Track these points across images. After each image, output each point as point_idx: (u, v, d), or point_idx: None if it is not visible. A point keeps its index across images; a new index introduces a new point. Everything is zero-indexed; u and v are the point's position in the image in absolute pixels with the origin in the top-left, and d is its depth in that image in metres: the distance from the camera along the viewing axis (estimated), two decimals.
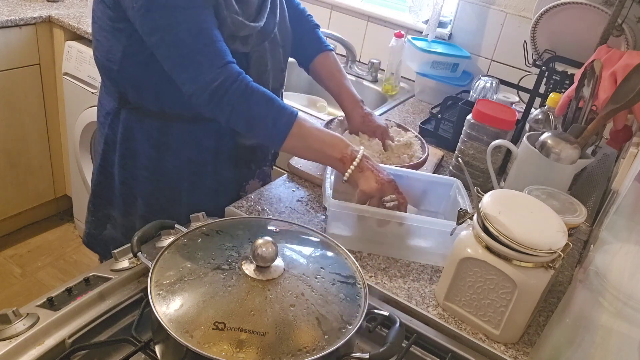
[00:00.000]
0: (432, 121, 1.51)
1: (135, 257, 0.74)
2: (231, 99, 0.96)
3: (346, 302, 0.68)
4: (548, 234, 0.76)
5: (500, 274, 0.77)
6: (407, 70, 1.85)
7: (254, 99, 0.96)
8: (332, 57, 1.26)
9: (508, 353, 0.80)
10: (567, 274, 1.01)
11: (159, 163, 1.14)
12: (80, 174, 2.16)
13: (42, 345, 0.68)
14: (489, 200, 0.80)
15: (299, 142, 0.98)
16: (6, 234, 2.33)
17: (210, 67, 0.95)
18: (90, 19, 1.97)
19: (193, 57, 0.95)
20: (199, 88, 0.96)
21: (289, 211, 1.05)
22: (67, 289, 0.75)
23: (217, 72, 0.95)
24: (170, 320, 0.61)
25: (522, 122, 1.33)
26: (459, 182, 1.03)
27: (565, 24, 1.37)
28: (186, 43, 0.94)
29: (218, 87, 0.95)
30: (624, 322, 0.51)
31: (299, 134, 0.97)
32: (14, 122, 2.10)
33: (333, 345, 0.62)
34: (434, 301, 0.88)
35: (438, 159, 1.34)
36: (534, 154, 1.02)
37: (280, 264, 0.70)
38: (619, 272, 0.62)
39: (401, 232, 0.95)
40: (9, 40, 1.94)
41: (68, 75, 2.04)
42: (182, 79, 0.97)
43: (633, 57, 0.98)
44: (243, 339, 0.60)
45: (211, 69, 0.95)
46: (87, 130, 2.05)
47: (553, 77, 1.31)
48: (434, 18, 1.78)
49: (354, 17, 2.04)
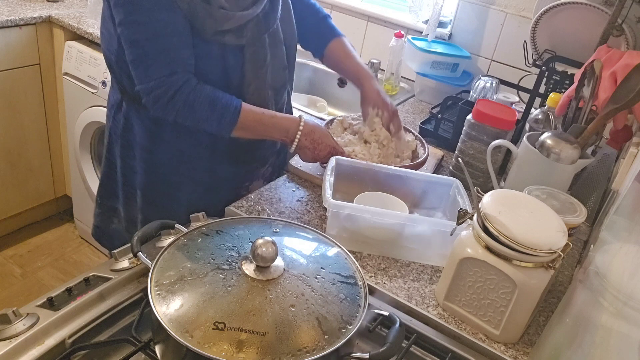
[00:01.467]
0: (432, 121, 1.51)
1: (135, 257, 0.74)
2: (175, 105, 1.01)
3: (346, 302, 0.68)
4: (548, 234, 0.76)
5: (500, 274, 0.77)
6: (407, 70, 1.85)
7: (197, 105, 1.01)
8: (343, 41, 1.29)
9: (508, 353, 0.80)
10: (567, 274, 1.01)
11: (153, 154, 1.15)
12: (80, 174, 2.16)
13: (42, 345, 0.68)
14: (489, 200, 0.80)
15: (245, 132, 1.08)
16: (6, 234, 2.33)
17: (155, 73, 0.99)
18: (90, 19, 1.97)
19: (143, 60, 0.99)
20: (144, 90, 1.01)
21: (289, 211, 1.05)
22: (67, 289, 0.75)
23: (161, 81, 0.99)
24: (170, 320, 0.61)
25: (522, 122, 1.33)
26: (459, 182, 1.03)
27: (565, 24, 1.37)
28: (140, 44, 0.98)
29: (161, 94, 1.00)
30: (624, 322, 0.51)
31: (244, 127, 1.06)
32: (14, 122, 2.10)
33: (333, 345, 0.62)
34: (434, 301, 0.88)
35: (438, 159, 1.34)
36: (534, 154, 1.02)
37: (280, 264, 0.70)
38: (619, 272, 0.62)
39: (401, 232, 0.95)
40: (9, 40, 1.94)
41: (68, 75, 2.04)
42: (134, 74, 1.02)
43: (633, 57, 0.98)
44: (243, 339, 0.60)
45: (156, 76, 0.99)
46: (87, 130, 2.05)
47: (553, 77, 1.31)
48: (434, 18, 1.78)
49: (354, 17, 2.04)
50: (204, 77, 1.03)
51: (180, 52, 1.00)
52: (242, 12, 1.03)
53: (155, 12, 0.96)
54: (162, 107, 1.01)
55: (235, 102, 1.04)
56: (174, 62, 0.99)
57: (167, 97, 1.00)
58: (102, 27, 1.08)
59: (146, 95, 1.01)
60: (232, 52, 1.05)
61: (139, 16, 0.96)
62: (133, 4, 0.96)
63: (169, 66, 0.99)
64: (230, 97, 1.04)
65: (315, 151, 1.11)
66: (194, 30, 1.00)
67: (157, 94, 1.00)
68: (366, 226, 0.94)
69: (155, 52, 0.98)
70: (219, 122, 1.03)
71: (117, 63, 1.08)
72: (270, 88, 1.14)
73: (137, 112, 1.13)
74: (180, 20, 0.98)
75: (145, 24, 0.96)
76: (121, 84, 1.12)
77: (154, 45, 0.98)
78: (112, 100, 1.19)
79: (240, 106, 1.04)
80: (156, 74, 0.99)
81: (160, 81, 0.99)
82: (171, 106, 1.01)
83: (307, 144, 1.10)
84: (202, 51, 1.02)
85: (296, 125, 1.09)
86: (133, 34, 0.98)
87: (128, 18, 0.97)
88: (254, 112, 1.07)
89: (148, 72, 0.99)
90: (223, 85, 1.06)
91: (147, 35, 0.97)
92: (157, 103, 1.01)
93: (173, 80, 0.99)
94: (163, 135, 1.13)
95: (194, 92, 1.01)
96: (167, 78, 0.99)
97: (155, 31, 0.97)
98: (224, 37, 1.02)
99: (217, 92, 1.03)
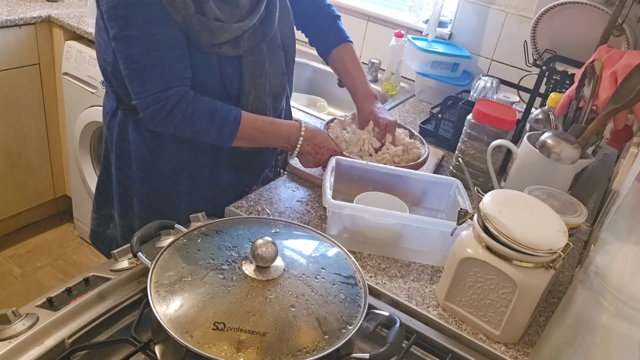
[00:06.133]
0: (432, 121, 1.51)
1: (135, 257, 0.73)
2: (174, 119, 1.00)
3: (346, 302, 0.68)
4: (548, 234, 0.76)
5: (501, 274, 0.77)
6: (408, 70, 1.85)
7: (196, 117, 1.00)
8: (349, 49, 1.28)
9: (508, 353, 0.80)
10: (568, 274, 1.01)
11: (154, 165, 1.14)
12: (80, 174, 2.16)
13: (41, 346, 0.67)
14: (489, 201, 0.80)
15: (246, 142, 1.08)
16: (6, 234, 2.33)
17: (152, 88, 0.98)
18: (90, 19, 1.97)
19: (138, 75, 0.98)
20: (141, 105, 0.99)
21: (289, 211, 1.05)
22: (67, 289, 0.75)
23: (158, 96, 0.98)
24: (170, 321, 0.61)
25: (523, 122, 1.33)
26: (459, 182, 1.03)
27: (565, 24, 1.37)
28: (134, 59, 0.96)
29: (159, 110, 0.99)
30: (624, 323, 0.51)
31: (244, 136, 1.05)
32: (13, 122, 2.10)
33: (333, 346, 0.62)
34: (434, 301, 0.87)
35: (438, 159, 1.34)
36: (534, 154, 1.02)
37: (280, 264, 0.69)
38: (619, 272, 0.61)
39: (401, 233, 0.95)
40: (8, 40, 1.94)
41: (68, 75, 2.04)
42: (130, 89, 1.00)
43: (633, 57, 0.98)
44: (243, 339, 0.60)
45: (153, 91, 0.98)
46: (86, 130, 2.05)
47: (553, 77, 1.31)
48: (434, 18, 1.78)
49: (354, 17, 2.04)
50: (201, 88, 1.02)
51: (176, 65, 0.98)
52: (238, 24, 1.02)
53: (150, 26, 0.94)
54: (160, 122, 1.00)
55: (234, 112, 1.03)
56: (170, 76, 0.98)
57: (164, 112, 0.98)
58: (97, 35, 1.06)
59: (143, 110, 1.00)
60: (230, 63, 1.04)
61: (132, 31, 0.94)
62: (126, 18, 0.94)
63: (165, 81, 0.97)
64: (229, 107, 1.03)
65: (317, 156, 1.10)
66: (190, 42, 0.98)
67: (155, 110, 0.99)
68: (366, 226, 0.94)
69: (150, 67, 0.96)
70: (219, 133, 1.03)
71: (113, 74, 1.06)
72: (270, 95, 1.13)
73: (135, 122, 1.11)
74: (176, 33, 0.96)
75: (140, 39, 0.95)
76: (117, 94, 1.10)
77: (149, 60, 0.96)
78: (107, 107, 1.17)
79: (240, 116, 1.03)
80: (152, 90, 0.97)
81: (157, 97, 0.98)
82: (170, 120, 1.00)
83: (309, 150, 1.09)
84: (199, 62, 1.01)
85: (297, 131, 1.08)
86: (127, 49, 0.96)
87: (122, 33, 0.95)
88: (253, 120, 1.06)
89: (144, 88, 0.98)
90: (221, 95, 1.05)
91: (141, 51, 0.95)
92: (155, 118, 1.00)
93: (170, 94, 0.98)
94: (164, 146, 1.12)
95: (192, 105, 1.00)
96: (163, 93, 0.98)
97: (149, 46, 0.95)
98: (220, 48, 1.01)
99: (216, 103, 1.02)
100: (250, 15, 1.04)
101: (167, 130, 1.02)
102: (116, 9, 0.94)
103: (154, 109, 0.99)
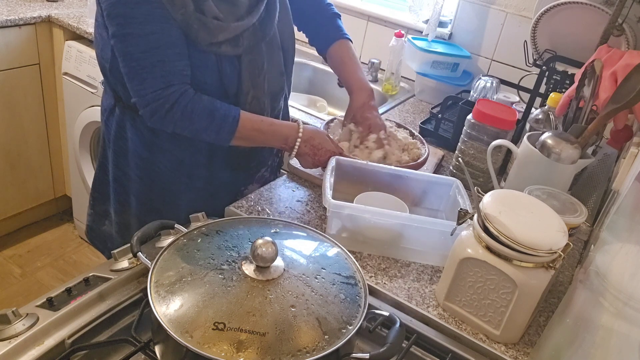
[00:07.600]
0: (432, 121, 1.51)
1: (135, 257, 0.74)
2: (173, 117, 1.00)
3: (346, 302, 0.68)
4: (548, 234, 0.76)
5: (501, 274, 0.77)
6: (407, 70, 1.85)
7: (195, 115, 1.00)
8: (346, 45, 1.28)
9: (508, 353, 0.80)
10: (568, 274, 1.01)
11: (151, 163, 1.14)
12: (80, 174, 2.16)
13: (41, 346, 0.67)
14: (489, 200, 0.80)
15: (244, 141, 1.08)
16: (6, 234, 2.33)
17: (151, 86, 0.98)
18: (90, 19, 1.97)
19: (138, 73, 0.98)
20: (141, 102, 0.99)
21: (289, 211, 1.05)
22: (67, 289, 0.75)
23: (157, 94, 0.98)
24: (170, 321, 0.61)
25: (523, 122, 1.33)
26: (459, 182, 1.03)
27: (565, 24, 1.37)
28: (134, 57, 0.97)
29: (158, 108, 0.99)
30: (624, 323, 0.51)
31: (242, 136, 1.05)
32: (13, 122, 2.10)
33: (333, 346, 0.62)
34: (434, 301, 0.87)
35: (438, 159, 1.34)
36: (534, 154, 1.02)
37: (280, 264, 0.69)
38: (619, 273, 0.61)
39: (401, 232, 0.95)
40: (8, 40, 1.94)
41: (68, 75, 2.04)
42: (129, 86, 1.00)
43: (633, 57, 0.98)
44: (243, 339, 0.60)
45: (152, 89, 0.98)
46: (86, 130, 2.05)
47: (553, 77, 1.31)
48: (434, 18, 1.78)
49: (354, 17, 2.04)
50: (200, 87, 1.02)
51: (176, 63, 0.98)
52: (237, 23, 1.02)
53: (149, 24, 0.94)
54: (159, 120, 1.00)
55: (233, 112, 1.03)
56: (170, 74, 0.98)
57: (164, 109, 0.99)
58: (96, 31, 1.06)
59: (143, 108, 1.00)
60: (229, 61, 1.04)
61: (132, 29, 0.94)
62: (126, 16, 0.94)
63: (165, 79, 0.97)
64: (228, 106, 1.03)
65: (315, 157, 1.09)
66: (189, 40, 0.99)
67: (154, 107, 0.99)
68: (366, 226, 0.94)
69: (150, 65, 0.96)
70: (218, 133, 1.03)
71: (111, 71, 1.06)
72: (268, 95, 1.13)
73: (133, 120, 1.11)
74: (175, 31, 0.96)
75: (139, 37, 0.95)
76: (115, 91, 1.10)
77: (149, 58, 0.96)
78: (105, 104, 1.17)
79: (239, 115, 1.03)
80: (152, 87, 0.97)
81: (157, 94, 0.98)
82: (169, 118, 1.00)
83: (307, 151, 1.09)
84: (198, 61, 1.01)
85: (295, 132, 1.08)
86: (127, 46, 0.96)
87: (121, 31, 0.95)
88: (252, 120, 1.06)
89: (144, 85, 0.98)
90: (220, 94, 1.06)
91: (141, 49, 0.95)
92: (155, 116, 1.00)
93: (170, 92, 0.98)
94: (162, 145, 1.12)
95: (192, 103, 1.00)
96: (163, 91, 0.98)
97: (149, 44, 0.95)
98: (219, 47, 1.01)
99: (215, 102, 1.02)
100: (250, 15, 1.04)
101: (167, 128, 1.02)
102: (116, 7, 0.94)
103: (153, 107, 0.99)
